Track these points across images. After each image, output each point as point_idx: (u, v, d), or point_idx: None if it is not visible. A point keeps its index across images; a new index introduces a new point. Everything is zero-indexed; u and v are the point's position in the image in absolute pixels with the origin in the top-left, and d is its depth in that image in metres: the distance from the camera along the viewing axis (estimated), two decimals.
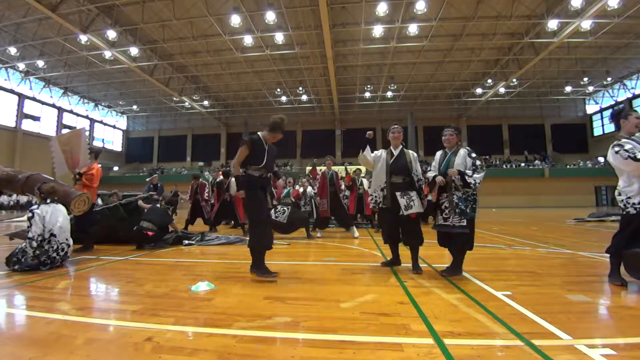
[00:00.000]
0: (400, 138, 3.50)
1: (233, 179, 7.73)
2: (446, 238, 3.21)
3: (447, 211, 3.12)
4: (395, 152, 3.47)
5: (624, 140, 2.73)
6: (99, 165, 5.20)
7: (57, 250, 3.56)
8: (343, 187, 7.10)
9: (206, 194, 7.88)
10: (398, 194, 3.27)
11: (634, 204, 2.67)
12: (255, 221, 3.21)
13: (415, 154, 3.50)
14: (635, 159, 2.60)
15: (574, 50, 20.24)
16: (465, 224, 3.01)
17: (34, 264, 3.44)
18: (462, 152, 3.19)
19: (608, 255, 2.90)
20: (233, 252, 4.80)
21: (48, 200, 3.74)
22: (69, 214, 4.04)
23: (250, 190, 3.18)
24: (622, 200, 2.75)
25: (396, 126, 3.54)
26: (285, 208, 6.18)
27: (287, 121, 3.30)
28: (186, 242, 5.40)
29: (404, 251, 3.45)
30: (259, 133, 3.30)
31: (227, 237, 5.85)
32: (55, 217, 3.64)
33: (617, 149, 2.71)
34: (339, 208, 6.68)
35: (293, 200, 6.68)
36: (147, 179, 8.73)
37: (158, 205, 5.66)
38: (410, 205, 3.21)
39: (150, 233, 4.93)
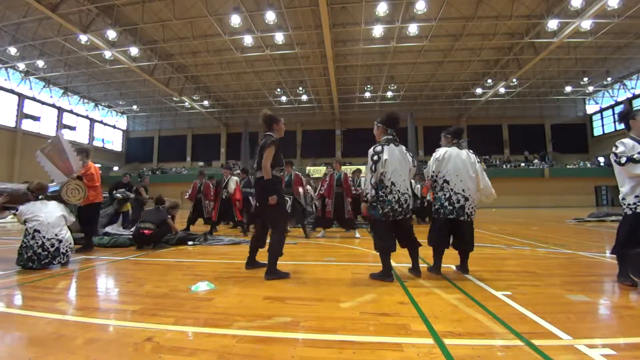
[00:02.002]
0: (376, 134, 3.31)
1: (234, 178, 7.71)
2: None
3: None
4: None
5: (624, 140, 2.78)
6: (98, 165, 5.20)
7: (44, 246, 3.50)
8: (361, 187, 7.15)
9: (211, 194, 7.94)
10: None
11: (629, 204, 2.74)
12: (283, 227, 3.33)
13: (370, 152, 3.11)
14: (618, 163, 2.69)
15: (574, 50, 20.24)
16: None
17: (21, 260, 3.45)
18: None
19: (614, 255, 2.91)
20: (233, 252, 4.80)
21: (40, 197, 3.75)
22: (70, 205, 4.06)
23: (280, 194, 3.21)
24: (623, 201, 2.81)
25: (375, 122, 3.33)
26: (287, 198, 6.15)
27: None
28: (190, 242, 5.40)
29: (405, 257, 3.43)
30: (271, 133, 3.31)
31: (231, 239, 5.84)
32: (42, 213, 3.62)
33: (613, 149, 2.79)
34: (342, 210, 6.65)
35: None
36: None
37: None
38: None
39: (147, 232, 4.93)
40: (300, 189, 7.46)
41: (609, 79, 25.05)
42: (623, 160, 2.65)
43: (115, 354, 1.61)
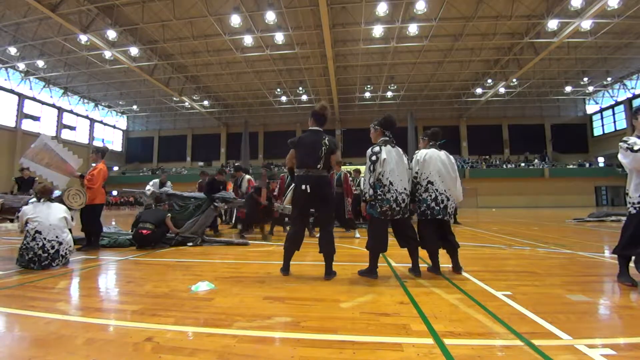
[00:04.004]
0: (373, 136, 3.27)
1: (247, 177, 7.68)
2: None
3: None
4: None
5: (630, 137, 2.79)
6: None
7: (44, 248, 3.49)
8: (354, 189, 7.17)
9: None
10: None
11: (633, 203, 2.71)
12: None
13: (368, 152, 3.14)
14: (632, 150, 2.65)
15: (574, 50, 20.25)
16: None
17: (22, 261, 3.45)
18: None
19: (614, 255, 2.91)
20: (233, 252, 4.80)
21: (42, 200, 3.76)
22: (70, 209, 4.07)
23: None
24: (628, 199, 2.79)
25: (372, 124, 3.30)
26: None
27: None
28: (190, 243, 5.39)
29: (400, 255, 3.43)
30: (321, 130, 3.29)
31: (229, 239, 5.84)
32: (45, 214, 3.62)
33: (621, 143, 2.78)
34: (342, 210, 6.64)
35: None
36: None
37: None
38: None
39: (145, 232, 4.94)
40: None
41: (609, 79, 25.07)
42: (637, 147, 2.64)
43: (115, 354, 1.61)
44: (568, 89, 26.51)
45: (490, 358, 1.56)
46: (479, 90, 25.63)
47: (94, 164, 5.05)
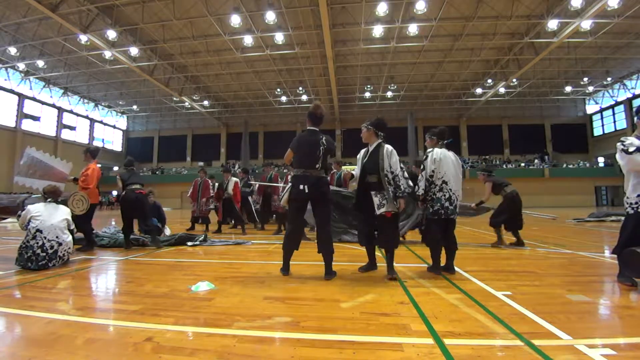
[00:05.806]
0: (365, 136, 3.31)
1: (234, 179, 7.74)
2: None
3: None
4: (370, 149, 3.27)
5: (628, 137, 2.79)
6: (98, 166, 5.18)
7: (43, 247, 3.50)
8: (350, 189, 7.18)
9: (211, 192, 8.01)
10: (372, 192, 3.11)
11: (631, 203, 2.73)
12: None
13: (390, 149, 3.16)
14: (627, 152, 2.67)
15: (574, 50, 20.25)
16: None
17: (21, 260, 3.46)
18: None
19: (614, 255, 2.91)
20: (233, 252, 4.80)
21: (48, 200, 3.78)
22: (72, 213, 4.11)
23: None
24: (625, 200, 2.79)
25: (363, 124, 3.32)
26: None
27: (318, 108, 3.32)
28: (190, 243, 5.39)
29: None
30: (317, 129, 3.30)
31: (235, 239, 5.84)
32: (49, 214, 3.65)
33: (618, 144, 2.78)
34: None
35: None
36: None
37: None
38: (382, 204, 3.05)
39: (144, 192, 5.29)
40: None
41: (609, 79, 25.06)
42: (632, 149, 2.65)
43: (115, 354, 1.61)
44: (568, 89, 26.51)
45: (490, 358, 1.56)
46: (479, 90, 25.63)
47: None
